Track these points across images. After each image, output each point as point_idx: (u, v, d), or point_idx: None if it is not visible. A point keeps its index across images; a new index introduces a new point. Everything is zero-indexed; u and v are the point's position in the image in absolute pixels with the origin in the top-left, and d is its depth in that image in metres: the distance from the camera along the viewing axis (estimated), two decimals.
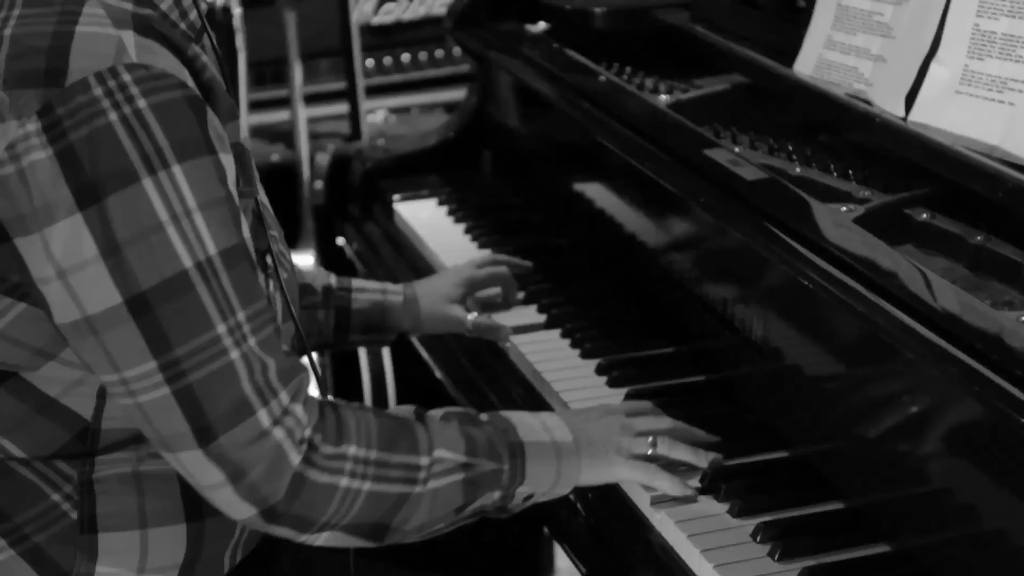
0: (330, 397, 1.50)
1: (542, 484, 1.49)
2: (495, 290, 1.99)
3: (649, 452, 1.53)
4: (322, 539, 1.41)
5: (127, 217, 1.29)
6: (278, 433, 1.35)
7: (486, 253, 2.14)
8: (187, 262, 1.31)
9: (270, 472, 1.35)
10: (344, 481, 1.38)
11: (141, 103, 1.29)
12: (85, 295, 1.31)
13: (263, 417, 1.34)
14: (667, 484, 1.53)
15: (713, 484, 1.55)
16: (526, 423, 1.51)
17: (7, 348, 1.40)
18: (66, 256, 1.30)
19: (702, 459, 1.56)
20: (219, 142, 1.35)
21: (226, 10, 3.18)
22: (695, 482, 1.55)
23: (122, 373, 1.33)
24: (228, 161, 1.37)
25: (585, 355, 1.86)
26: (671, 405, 1.68)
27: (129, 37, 1.31)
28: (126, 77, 1.29)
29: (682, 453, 1.55)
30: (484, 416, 1.51)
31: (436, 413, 1.50)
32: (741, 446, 1.62)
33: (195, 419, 1.33)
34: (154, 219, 1.30)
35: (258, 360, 1.34)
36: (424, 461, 1.42)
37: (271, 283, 1.49)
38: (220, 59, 1.47)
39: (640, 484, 1.54)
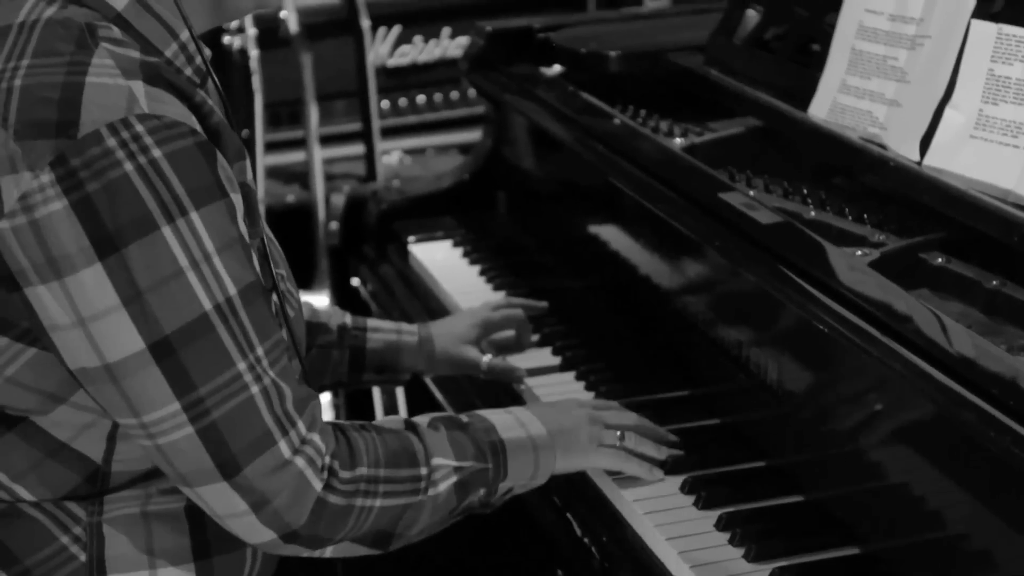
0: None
1: (522, 477, 1.57)
2: (509, 332, 2.00)
3: (617, 444, 1.63)
4: (330, 551, 1.46)
5: (148, 265, 1.31)
6: (299, 461, 1.39)
7: (500, 295, 2.14)
8: (207, 304, 1.33)
9: (294, 499, 1.39)
10: (359, 501, 1.43)
11: (156, 153, 1.31)
12: (106, 342, 1.32)
13: (284, 447, 1.38)
14: (637, 468, 1.63)
15: (730, 528, 1.55)
16: (503, 420, 1.58)
17: (18, 393, 1.41)
18: (86, 305, 1.31)
19: (662, 453, 1.66)
20: (229, 183, 1.38)
21: (243, 52, 3.20)
22: (659, 472, 1.65)
23: (142, 418, 1.35)
24: (238, 200, 1.40)
25: (600, 397, 1.86)
26: (686, 448, 1.68)
27: (139, 87, 1.33)
28: (139, 128, 1.31)
29: (647, 448, 1.65)
30: (464, 417, 1.57)
31: (423, 420, 1.55)
32: (756, 490, 1.62)
33: (218, 454, 1.35)
34: (175, 265, 1.32)
35: (276, 391, 1.38)
36: (424, 471, 1.48)
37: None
38: (225, 101, 1.49)
39: (610, 469, 1.63)
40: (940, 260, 1.65)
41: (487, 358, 1.94)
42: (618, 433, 1.63)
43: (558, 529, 1.70)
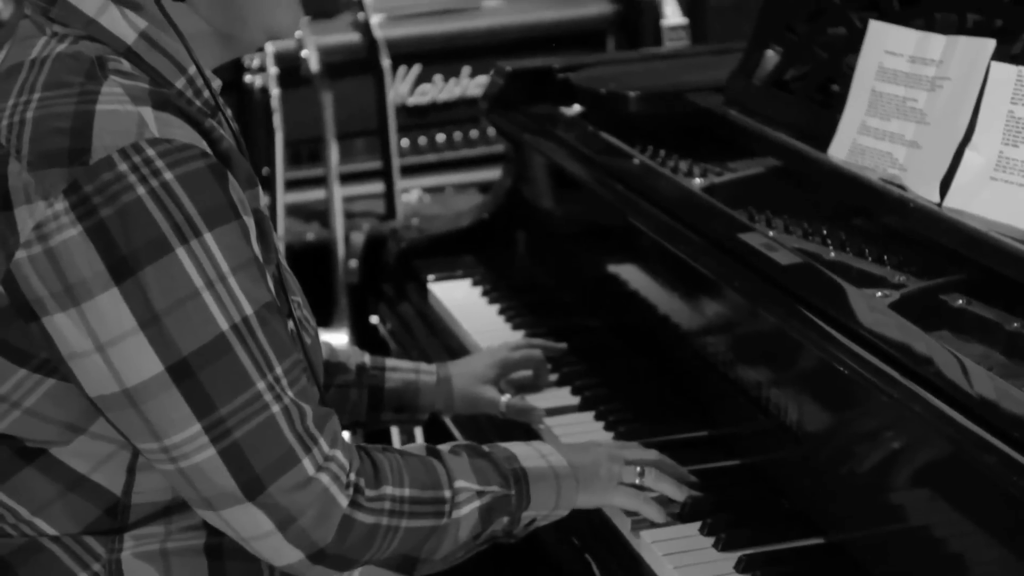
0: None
1: (544, 507, 1.57)
2: (528, 372, 2.00)
3: (637, 481, 1.62)
4: (356, 575, 1.46)
5: (164, 287, 1.32)
6: (324, 478, 1.39)
7: (519, 334, 2.15)
8: (224, 324, 1.34)
9: (320, 516, 1.39)
10: (385, 520, 1.44)
11: (168, 175, 1.32)
12: (124, 367, 1.33)
13: (308, 464, 1.38)
14: (654, 513, 1.62)
15: (750, 570, 1.54)
16: (524, 451, 1.59)
17: (37, 424, 1.41)
18: (105, 330, 1.32)
19: (682, 492, 1.65)
20: (241, 205, 1.39)
21: (264, 90, 3.23)
22: (675, 509, 1.64)
23: (163, 441, 1.35)
24: (250, 223, 1.41)
25: (619, 438, 1.86)
26: (704, 488, 1.68)
27: (148, 113, 1.35)
28: (150, 152, 1.32)
29: (666, 487, 1.65)
30: (485, 447, 1.58)
31: (445, 447, 1.56)
32: (777, 532, 1.61)
33: (241, 474, 1.36)
34: (190, 286, 1.33)
35: (296, 409, 1.38)
36: (447, 494, 1.49)
37: None
38: (236, 131, 1.50)
39: (627, 509, 1.63)
40: (960, 302, 1.65)
41: (506, 398, 1.94)
42: (638, 469, 1.63)
43: (576, 570, 1.69)
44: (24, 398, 1.40)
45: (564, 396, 1.99)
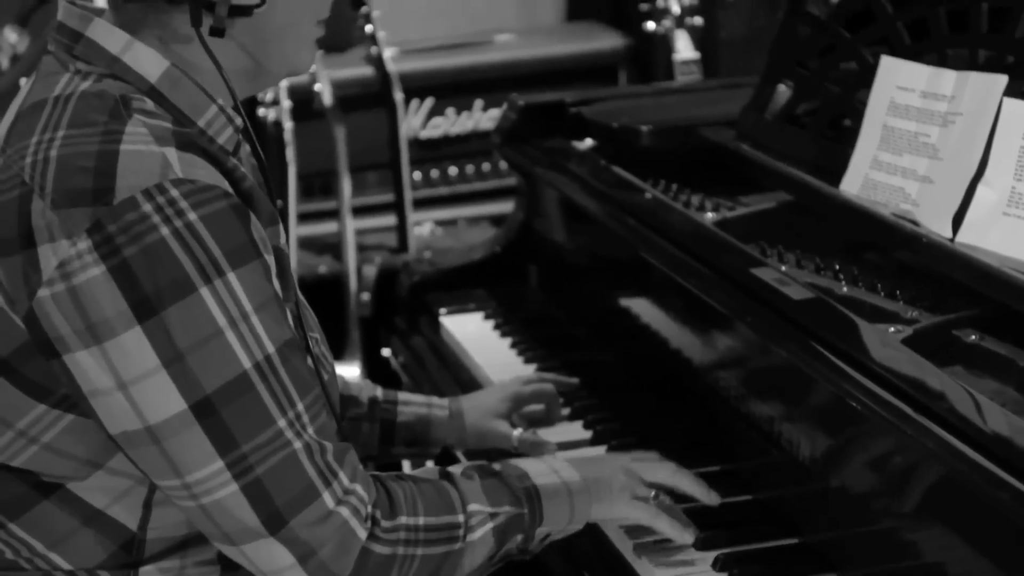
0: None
1: (558, 523, 1.58)
2: (539, 406, 2.00)
3: (651, 500, 1.63)
4: None
5: (187, 326, 1.33)
6: (344, 511, 1.40)
7: (531, 368, 2.15)
8: (247, 363, 1.35)
9: (339, 549, 1.40)
10: (401, 549, 1.45)
11: (191, 216, 1.33)
12: (147, 404, 1.34)
13: (328, 498, 1.39)
14: (667, 527, 1.62)
15: None
16: (536, 467, 1.60)
17: (55, 460, 1.42)
18: (127, 368, 1.33)
19: (711, 496, 1.67)
20: (262, 244, 1.40)
21: (277, 124, 3.24)
22: (689, 536, 1.63)
23: (185, 478, 1.36)
24: (271, 261, 1.42)
25: None
26: (717, 525, 1.67)
27: (172, 153, 1.36)
28: (174, 192, 1.33)
29: (688, 484, 1.66)
30: (497, 465, 1.59)
31: (457, 469, 1.57)
32: (790, 568, 1.60)
33: (263, 509, 1.37)
34: (213, 325, 1.34)
35: (317, 445, 1.40)
36: (461, 518, 1.50)
37: None
38: (263, 166, 1.51)
39: (641, 523, 1.63)
40: (974, 337, 1.65)
41: (517, 432, 1.94)
42: (652, 492, 1.64)
43: None
44: (42, 433, 1.41)
45: (577, 430, 1.99)
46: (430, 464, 2.46)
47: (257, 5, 1.43)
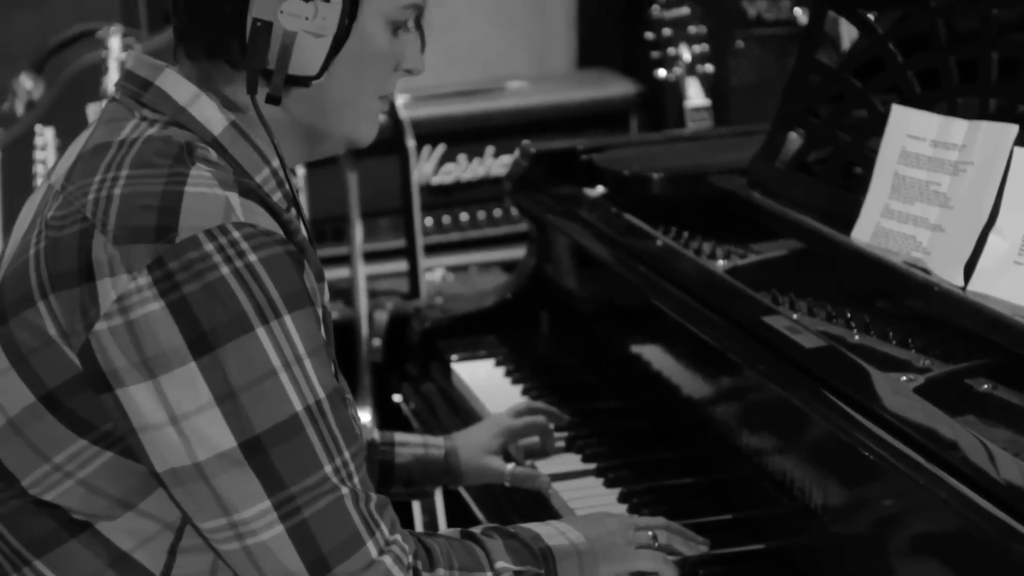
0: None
1: None
2: (534, 439, 2.02)
3: (654, 545, 1.65)
4: None
5: (242, 364, 1.35)
6: (387, 560, 1.41)
7: (542, 417, 2.14)
8: (298, 406, 1.37)
9: None
10: None
11: (252, 257, 1.36)
12: (198, 440, 1.35)
13: (371, 547, 1.40)
14: (671, 573, 1.64)
15: None
16: (546, 530, 1.62)
17: (88, 497, 1.43)
18: (180, 403, 1.35)
19: (693, 548, 1.70)
20: (313, 294, 1.43)
21: (291, 169, 3.24)
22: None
23: (232, 516, 1.37)
24: (319, 313, 1.44)
25: None
26: (729, 574, 1.66)
27: (235, 198, 1.39)
28: (236, 234, 1.36)
29: (678, 543, 1.69)
30: (511, 528, 1.60)
31: (477, 529, 1.59)
32: None
33: (309, 554, 1.38)
34: (268, 366, 1.36)
35: (363, 494, 1.41)
36: (490, 574, 1.51)
37: None
38: (308, 228, 1.53)
39: (649, 570, 1.63)
40: (986, 386, 1.65)
41: (510, 467, 1.97)
42: (650, 533, 1.66)
43: None
44: (79, 469, 1.42)
45: (592, 482, 1.98)
46: (439, 499, 2.48)
47: (314, 77, 1.46)
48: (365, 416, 3.16)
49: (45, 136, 3.34)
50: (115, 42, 3.28)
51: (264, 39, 1.43)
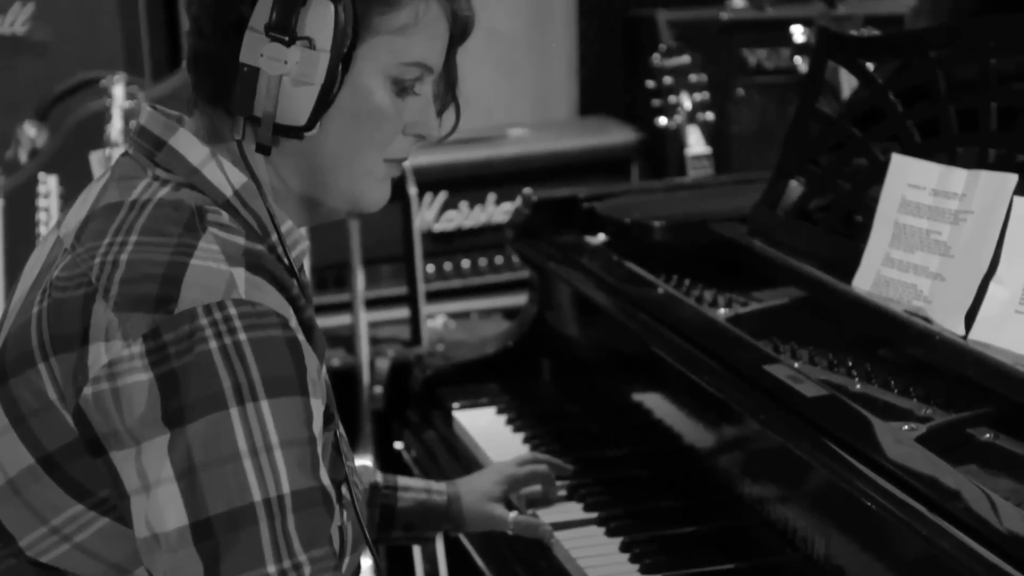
0: None
1: None
2: (536, 487, 2.02)
3: None
4: None
5: (207, 442, 1.31)
6: None
7: (544, 467, 2.14)
8: (257, 496, 1.32)
9: None
10: None
11: (242, 336, 1.33)
12: (157, 513, 1.33)
13: None
14: None
15: None
16: None
17: (84, 560, 1.41)
18: (150, 472, 1.33)
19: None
20: (312, 386, 1.38)
21: None
22: None
23: None
24: (318, 406, 1.39)
25: (645, 571, 1.84)
26: None
27: (240, 274, 1.36)
28: (232, 311, 1.33)
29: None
30: None
31: None
32: None
33: None
34: (233, 448, 1.32)
35: None
36: None
37: (345, 513, 1.50)
38: (309, 295, 1.50)
39: None
40: (988, 436, 1.64)
41: (513, 515, 1.96)
42: None
43: None
44: (76, 533, 1.40)
45: (594, 531, 1.98)
46: (440, 548, 2.46)
47: (304, 128, 1.42)
48: (366, 464, 3.16)
49: (48, 184, 3.35)
50: (119, 90, 3.30)
51: (250, 85, 1.40)
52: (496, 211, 3.86)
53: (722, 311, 2.09)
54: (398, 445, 2.55)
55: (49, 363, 1.37)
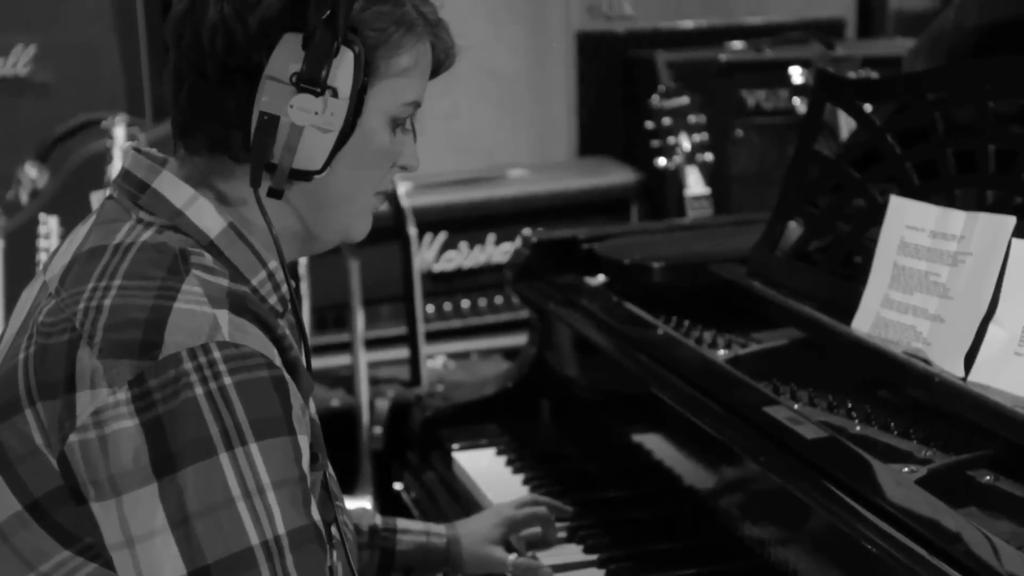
0: None
1: None
2: (536, 529, 2.01)
3: None
4: None
5: (200, 490, 1.31)
6: None
7: (543, 508, 2.13)
8: (254, 539, 1.32)
9: None
10: None
11: (227, 380, 1.33)
12: (153, 564, 1.32)
13: None
14: None
15: None
16: None
17: None
18: (137, 525, 1.32)
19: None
20: (299, 424, 1.38)
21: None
22: None
23: None
24: (305, 443, 1.39)
25: None
26: None
27: (224, 316, 1.36)
28: (216, 354, 1.33)
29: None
30: None
31: None
32: None
33: None
34: (226, 493, 1.32)
35: None
36: None
37: (335, 553, 1.50)
38: (303, 332, 1.51)
39: None
40: (989, 478, 1.64)
41: (512, 558, 1.95)
42: None
43: None
44: None
45: (594, 574, 1.97)
46: None
47: (317, 171, 1.44)
48: (366, 505, 3.15)
49: (49, 225, 3.36)
50: (120, 131, 3.31)
51: (271, 133, 1.41)
52: (496, 251, 3.87)
53: (722, 352, 2.09)
54: (398, 486, 2.54)
55: (35, 409, 1.36)
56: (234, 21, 1.41)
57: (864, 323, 1.94)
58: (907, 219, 1.92)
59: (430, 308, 3.79)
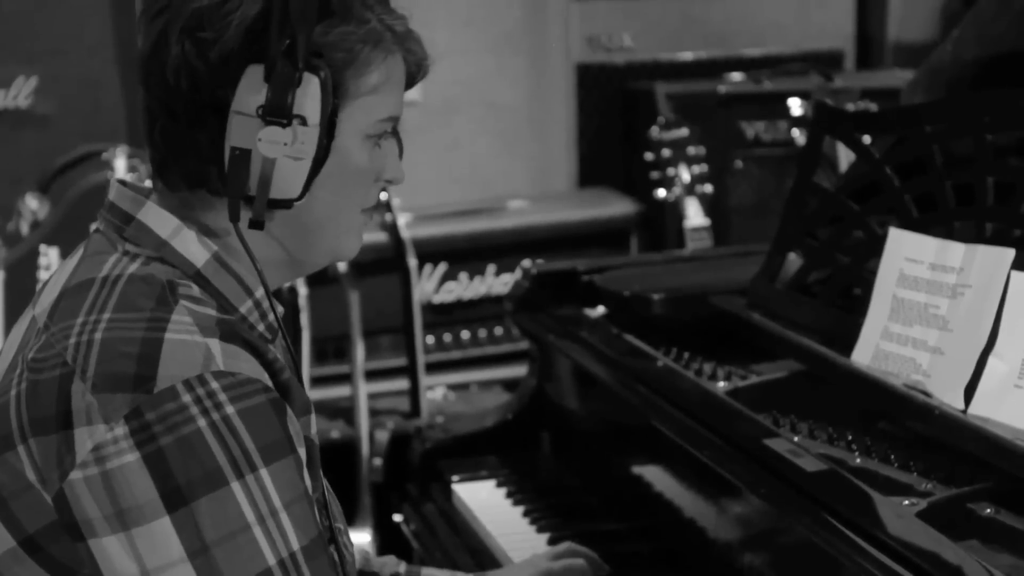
0: None
1: None
2: None
3: None
4: None
5: (216, 519, 1.32)
6: None
7: (545, 537, 2.13)
8: (271, 560, 1.34)
9: None
10: None
11: (229, 409, 1.34)
12: None
13: None
14: None
15: None
16: None
17: None
18: (153, 558, 1.32)
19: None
20: (297, 438, 1.40)
21: (292, 290, 3.27)
22: None
23: None
24: (303, 453, 1.42)
25: None
26: None
27: (215, 345, 1.36)
28: (214, 385, 1.34)
29: None
30: None
31: None
32: None
33: None
34: (242, 521, 1.33)
35: None
36: None
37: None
38: (293, 355, 1.51)
39: None
40: (989, 511, 1.64)
41: None
42: None
43: None
44: None
45: None
46: None
47: (296, 199, 1.44)
48: (365, 537, 3.14)
49: (49, 256, 3.36)
50: (121, 163, 3.32)
51: (243, 167, 1.40)
52: (495, 282, 3.87)
53: (721, 384, 2.09)
54: (397, 518, 2.54)
55: (28, 445, 1.35)
56: (195, 58, 1.41)
57: (864, 355, 1.94)
58: (906, 251, 1.92)
59: (430, 339, 3.79)
